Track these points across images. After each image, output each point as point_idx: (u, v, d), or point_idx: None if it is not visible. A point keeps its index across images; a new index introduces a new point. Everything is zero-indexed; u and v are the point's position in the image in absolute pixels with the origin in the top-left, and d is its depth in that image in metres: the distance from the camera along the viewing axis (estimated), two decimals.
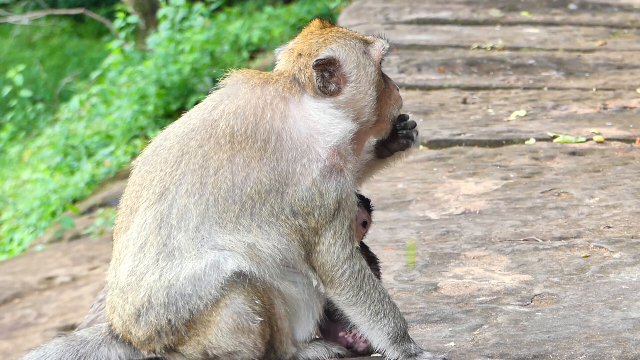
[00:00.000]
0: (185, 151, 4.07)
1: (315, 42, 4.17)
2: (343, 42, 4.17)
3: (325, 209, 4.03)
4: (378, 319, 4.12)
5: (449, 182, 6.91)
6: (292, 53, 4.20)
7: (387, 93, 4.23)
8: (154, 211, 4.04)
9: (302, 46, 4.19)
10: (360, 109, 4.14)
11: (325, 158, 4.03)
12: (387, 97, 4.23)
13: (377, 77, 4.19)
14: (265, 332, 4.06)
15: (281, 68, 4.21)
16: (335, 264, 4.07)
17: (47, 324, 9.80)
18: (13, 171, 18.36)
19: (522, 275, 5.28)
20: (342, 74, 4.13)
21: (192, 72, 17.12)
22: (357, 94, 4.14)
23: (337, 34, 4.19)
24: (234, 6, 21.05)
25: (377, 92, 4.18)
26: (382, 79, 4.22)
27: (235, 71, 4.20)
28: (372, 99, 4.17)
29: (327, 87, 4.10)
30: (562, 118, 8.33)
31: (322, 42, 4.16)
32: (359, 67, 4.15)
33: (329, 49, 4.13)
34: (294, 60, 4.17)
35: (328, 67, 4.10)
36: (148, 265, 4.01)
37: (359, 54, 4.17)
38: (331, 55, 4.11)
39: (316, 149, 4.04)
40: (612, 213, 6.15)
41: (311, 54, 4.14)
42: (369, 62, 4.18)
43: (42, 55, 26.30)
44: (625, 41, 11.40)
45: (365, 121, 4.16)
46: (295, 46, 4.21)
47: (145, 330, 4.04)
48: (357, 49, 4.17)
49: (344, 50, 4.15)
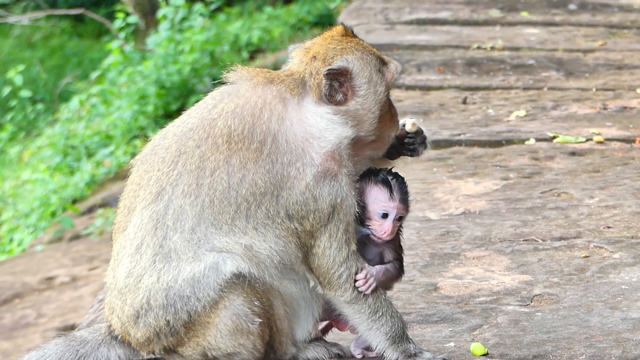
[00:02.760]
0: (182, 151, 4.06)
1: (333, 49, 4.12)
2: (360, 55, 4.12)
3: (320, 213, 4.02)
4: (376, 319, 4.11)
5: (449, 182, 6.91)
6: (306, 53, 4.16)
7: (389, 115, 4.20)
8: (150, 211, 4.03)
9: (318, 49, 4.14)
10: (361, 122, 4.11)
11: (318, 163, 4.01)
12: (388, 118, 4.19)
13: (385, 97, 4.15)
14: (265, 333, 4.06)
15: (293, 68, 4.17)
16: (332, 266, 4.06)
17: (47, 324, 9.80)
18: (13, 171, 18.36)
19: (522, 276, 5.28)
20: (351, 86, 4.10)
21: (192, 73, 17.12)
22: (362, 109, 4.11)
23: (356, 46, 4.14)
24: (233, 6, 21.05)
25: (380, 112, 4.14)
26: (388, 100, 4.18)
27: (239, 67, 4.17)
28: (374, 117, 4.13)
29: (334, 96, 4.07)
30: (562, 118, 8.33)
31: (339, 50, 4.12)
32: (370, 84, 4.12)
33: (345, 59, 4.09)
34: (308, 62, 4.12)
35: (339, 77, 4.07)
36: (145, 266, 4.00)
37: (372, 71, 4.13)
38: (345, 66, 4.07)
39: (310, 153, 4.02)
40: (612, 213, 6.15)
41: (326, 60, 4.09)
42: (380, 82, 4.14)
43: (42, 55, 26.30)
44: (625, 41, 11.40)
45: (362, 135, 4.13)
46: (312, 47, 4.16)
47: (144, 331, 4.04)
48: (372, 65, 4.13)
49: (359, 63, 4.11)
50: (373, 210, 4.13)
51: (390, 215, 4.13)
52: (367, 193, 4.14)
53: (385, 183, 4.15)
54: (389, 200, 4.13)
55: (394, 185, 4.15)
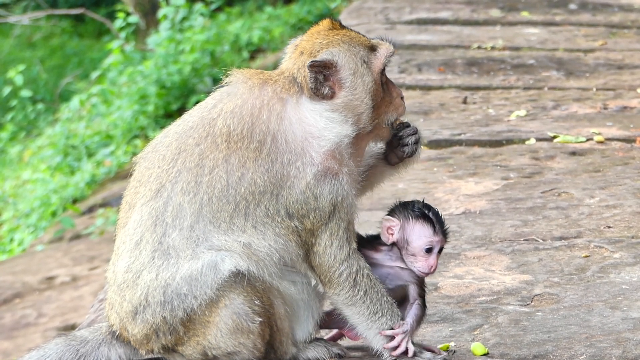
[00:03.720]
0: (182, 149, 4.07)
1: (319, 43, 4.13)
2: (346, 47, 4.12)
3: (321, 212, 4.02)
4: (376, 319, 4.11)
5: (449, 182, 6.91)
6: (295, 50, 4.18)
7: (386, 100, 4.18)
8: (149, 208, 4.04)
9: (305, 44, 4.16)
10: (357, 114, 4.10)
11: (318, 162, 4.01)
12: (385, 104, 4.18)
13: (375, 86, 4.13)
14: (265, 333, 4.06)
15: (283, 66, 4.19)
16: (332, 265, 4.06)
17: (48, 324, 9.80)
18: (13, 171, 18.36)
19: (522, 275, 5.28)
20: (338, 79, 4.09)
21: (192, 72, 17.12)
22: (354, 100, 4.10)
23: (343, 38, 4.14)
24: (234, 6, 21.04)
25: (373, 101, 4.12)
26: (380, 87, 4.16)
27: (236, 70, 4.19)
28: (367, 107, 4.12)
29: (320, 89, 4.07)
30: (563, 118, 8.33)
31: (325, 43, 4.12)
32: (356, 75, 4.10)
33: (329, 52, 4.09)
34: (296, 58, 4.15)
35: (324, 70, 4.06)
36: (144, 262, 4.01)
37: (358, 62, 4.11)
38: (329, 58, 4.07)
39: (310, 152, 4.02)
40: (613, 213, 6.15)
41: (312, 54, 4.11)
42: (367, 72, 4.12)
43: (43, 55, 26.29)
44: (625, 41, 11.39)
45: (362, 127, 4.13)
46: (300, 43, 4.18)
47: (141, 327, 4.04)
48: (358, 56, 4.12)
49: (345, 55, 4.10)
50: (418, 246, 4.10)
51: (435, 249, 4.12)
52: (410, 231, 4.11)
53: (425, 218, 4.11)
54: (434, 235, 4.11)
55: (434, 218, 4.12)
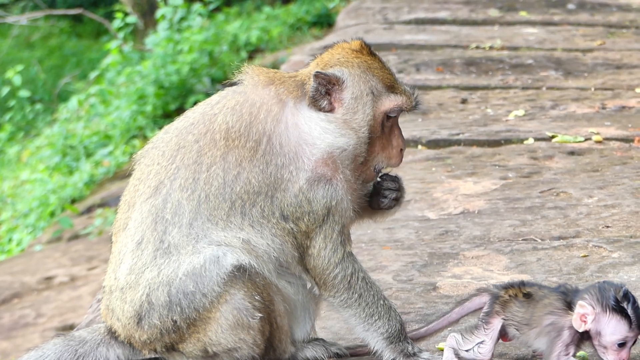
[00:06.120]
0: (182, 145, 4.08)
1: (337, 59, 4.13)
2: (360, 72, 4.10)
3: (314, 215, 4.02)
4: (373, 320, 4.11)
5: (448, 182, 6.91)
6: (317, 58, 4.20)
7: (382, 143, 4.16)
8: (149, 205, 4.04)
9: (327, 56, 4.17)
10: (354, 137, 4.08)
11: (310, 169, 4.01)
12: (380, 147, 4.15)
13: (373, 122, 4.10)
14: (265, 329, 4.06)
15: (302, 69, 4.21)
16: (327, 267, 4.06)
17: (46, 324, 9.80)
18: (12, 171, 18.35)
19: (521, 275, 5.28)
20: (339, 97, 4.08)
21: (190, 72, 17.10)
22: (351, 121, 4.08)
23: (363, 64, 4.12)
24: (232, 6, 21.04)
25: (369, 134, 4.10)
26: (380, 127, 4.12)
27: (246, 66, 4.18)
28: (363, 136, 4.09)
29: (318, 100, 4.06)
30: (561, 118, 8.33)
31: (342, 61, 4.12)
32: (357, 101, 4.08)
33: (340, 70, 4.09)
34: (313, 66, 4.16)
35: (328, 84, 4.05)
36: (146, 262, 4.01)
37: (365, 91, 4.09)
38: (337, 75, 4.06)
39: (303, 158, 4.02)
40: (611, 213, 6.15)
41: (325, 67, 4.11)
42: (370, 104, 4.09)
43: (41, 55, 26.28)
44: (623, 41, 11.40)
45: (357, 152, 4.09)
46: (324, 56, 4.19)
47: (149, 333, 4.03)
48: (367, 85, 4.09)
49: (354, 79, 4.08)
50: (611, 341, 3.95)
51: (628, 344, 3.98)
52: (604, 324, 3.96)
53: (623, 313, 3.94)
54: (629, 331, 3.95)
55: (632, 312, 3.94)
